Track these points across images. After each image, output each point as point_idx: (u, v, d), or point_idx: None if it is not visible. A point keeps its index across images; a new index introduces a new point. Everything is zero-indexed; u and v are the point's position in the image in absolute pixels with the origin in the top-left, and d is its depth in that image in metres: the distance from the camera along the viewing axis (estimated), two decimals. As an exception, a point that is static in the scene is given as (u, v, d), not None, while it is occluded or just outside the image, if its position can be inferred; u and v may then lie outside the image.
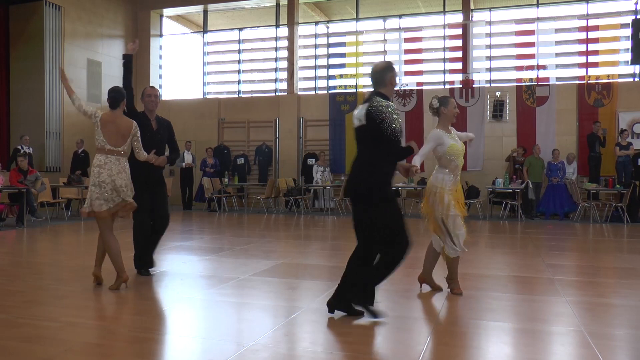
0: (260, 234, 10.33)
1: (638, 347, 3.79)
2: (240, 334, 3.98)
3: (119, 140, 5.30)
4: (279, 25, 17.51)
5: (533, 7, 15.85)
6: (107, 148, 5.24)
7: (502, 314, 4.61)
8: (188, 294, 5.22)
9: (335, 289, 4.41)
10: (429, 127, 15.24)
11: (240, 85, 18.07)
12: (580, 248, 9.02)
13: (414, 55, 16.19)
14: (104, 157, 5.22)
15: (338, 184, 15.04)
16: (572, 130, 14.63)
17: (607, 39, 14.97)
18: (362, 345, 3.76)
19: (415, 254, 7.99)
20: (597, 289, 5.67)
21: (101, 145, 5.25)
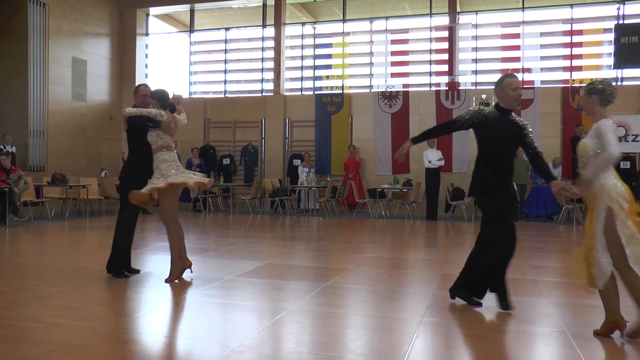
0: (245, 234, 10.31)
1: (620, 347, 3.82)
2: (225, 335, 3.96)
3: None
4: (265, 26, 17.48)
5: (519, 11, 15.96)
6: (171, 146, 5.80)
7: (486, 314, 4.63)
8: (172, 294, 5.19)
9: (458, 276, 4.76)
10: (415, 129, 15.32)
11: (227, 85, 18.02)
12: (563, 250, 9.09)
13: (401, 57, 16.24)
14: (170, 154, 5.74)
15: (323, 185, 15.06)
16: (557, 133, 14.76)
17: (590, 43, 15.13)
18: (348, 345, 3.77)
19: (400, 255, 8.03)
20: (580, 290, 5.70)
21: (167, 144, 5.76)
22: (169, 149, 5.73)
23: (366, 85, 16.73)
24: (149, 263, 7.00)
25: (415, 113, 15.53)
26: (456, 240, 9.95)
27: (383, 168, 15.61)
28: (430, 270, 6.61)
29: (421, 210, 14.25)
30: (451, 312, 4.64)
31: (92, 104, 16.86)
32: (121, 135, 17.97)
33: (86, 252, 8.07)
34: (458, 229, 11.78)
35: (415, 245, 9.47)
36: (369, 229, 11.66)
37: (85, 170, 15.63)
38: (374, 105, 15.79)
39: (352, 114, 16.07)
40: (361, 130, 15.95)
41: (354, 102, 16.11)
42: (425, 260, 7.64)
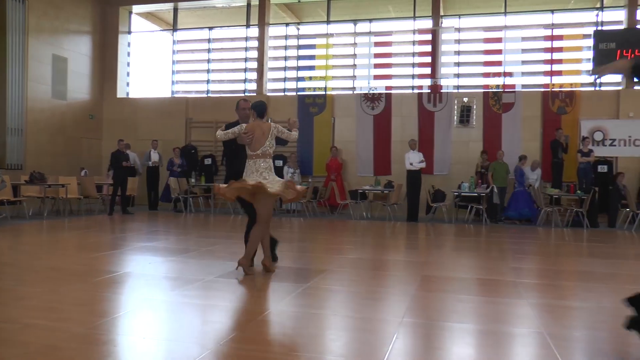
0: (226, 235, 10.28)
1: (595, 347, 3.89)
2: (205, 336, 3.94)
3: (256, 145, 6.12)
4: (249, 26, 17.45)
5: (501, 16, 16.13)
6: (253, 154, 6.11)
7: (466, 315, 4.67)
8: (152, 295, 5.16)
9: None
10: (398, 130, 15.43)
11: (209, 85, 17.96)
12: (542, 252, 9.20)
13: (384, 60, 16.33)
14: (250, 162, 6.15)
15: (305, 186, 15.02)
16: (537, 137, 14.93)
17: (570, 49, 15.35)
18: (328, 346, 3.77)
19: (381, 256, 8.06)
20: (558, 292, 5.80)
21: (250, 154, 6.15)
22: (250, 158, 6.09)
23: (349, 86, 16.78)
24: (129, 264, 6.96)
25: (397, 115, 15.60)
26: (437, 242, 10.01)
27: (365, 169, 15.67)
28: (411, 272, 6.65)
29: (402, 211, 14.31)
30: (431, 313, 4.67)
31: (72, 102, 16.70)
32: (102, 134, 17.83)
33: (64, 252, 7.99)
34: (439, 230, 11.86)
35: (396, 246, 9.51)
36: (350, 230, 11.69)
37: (64, 169, 15.47)
38: (357, 107, 15.84)
39: (335, 115, 16.10)
40: (343, 132, 15.98)
41: (336, 103, 16.14)
42: (406, 262, 7.68)
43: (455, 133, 15.30)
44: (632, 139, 14.38)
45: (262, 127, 6.15)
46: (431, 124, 15.33)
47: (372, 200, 14.77)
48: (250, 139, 6.06)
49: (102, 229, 10.89)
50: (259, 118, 6.23)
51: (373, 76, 16.35)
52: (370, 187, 14.42)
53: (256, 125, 6.16)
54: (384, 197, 14.59)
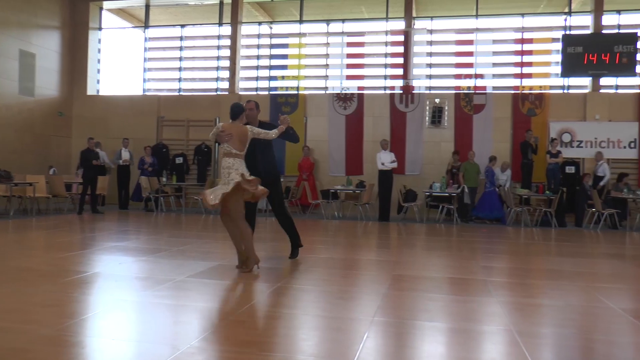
0: (197, 234, 10.20)
1: (563, 344, 3.96)
2: (176, 337, 3.91)
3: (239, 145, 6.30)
4: (222, 24, 17.36)
5: (472, 18, 16.32)
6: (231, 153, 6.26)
7: (436, 314, 4.72)
8: (122, 296, 5.10)
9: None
10: (370, 130, 15.50)
11: (181, 83, 17.80)
12: (512, 251, 9.33)
13: (356, 60, 16.38)
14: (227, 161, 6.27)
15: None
16: (507, 138, 15.14)
17: (540, 52, 15.60)
18: (299, 346, 3.78)
19: (352, 256, 8.09)
20: (527, 290, 5.89)
21: (227, 151, 6.26)
22: (228, 156, 6.24)
23: (321, 86, 16.80)
24: (99, 264, 6.86)
25: (369, 115, 15.68)
26: (408, 242, 10.08)
27: (337, 169, 15.71)
28: (382, 271, 6.69)
29: (374, 211, 14.38)
30: (402, 312, 4.71)
31: (41, 99, 16.40)
32: (71, 132, 17.55)
33: (32, 252, 7.84)
34: (410, 230, 11.95)
35: (368, 246, 9.56)
36: (322, 229, 11.70)
37: (32, 167, 15.20)
38: (329, 107, 15.87)
39: (307, 114, 16.11)
40: (315, 131, 16.00)
41: (308, 103, 16.15)
42: (377, 261, 7.72)
43: (427, 133, 15.43)
44: (598, 141, 14.69)
45: (240, 129, 6.34)
46: (403, 125, 15.44)
47: (343, 200, 14.81)
48: (229, 137, 6.23)
49: (71, 228, 10.72)
50: (232, 120, 6.44)
51: (345, 76, 16.40)
52: (342, 187, 14.46)
53: (233, 126, 6.33)
54: (355, 197, 14.64)
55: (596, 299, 5.38)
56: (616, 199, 13.45)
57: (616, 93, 15.24)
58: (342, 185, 14.64)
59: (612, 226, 13.33)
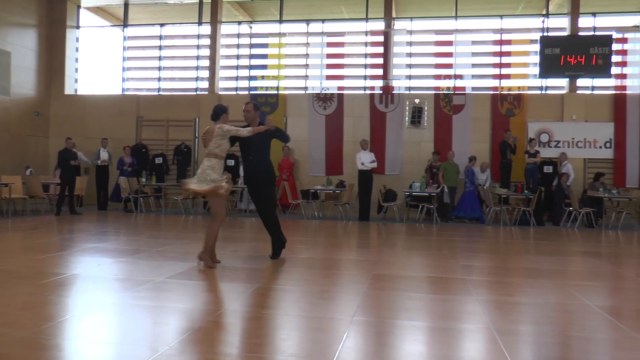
0: (177, 235, 10.14)
1: (540, 341, 4.01)
2: (155, 339, 3.89)
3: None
4: (201, 23, 17.27)
5: (452, 19, 16.43)
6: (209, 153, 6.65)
7: (416, 313, 4.75)
8: (101, 297, 5.05)
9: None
10: (350, 130, 15.53)
11: (160, 83, 17.68)
12: (491, 250, 9.42)
13: (336, 60, 16.39)
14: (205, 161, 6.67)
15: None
16: (486, 138, 15.27)
17: (518, 53, 15.77)
18: (279, 346, 3.77)
19: (332, 255, 8.10)
20: (506, 288, 5.95)
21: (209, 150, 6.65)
22: (209, 156, 6.62)
23: (301, 86, 16.80)
24: (77, 265, 6.79)
25: (349, 115, 15.71)
26: (388, 241, 10.12)
27: (317, 169, 15.71)
28: (362, 271, 6.71)
29: (354, 211, 14.42)
30: (382, 311, 4.73)
31: (17, 98, 16.17)
32: (48, 132, 17.34)
33: (8, 254, 7.73)
34: (390, 230, 12.00)
35: (348, 246, 9.58)
36: (302, 229, 11.70)
37: (8, 168, 14.98)
38: (309, 107, 15.87)
39: (287, 114, 16.09)
40: (295, 131, 15.95)
41: (288, 103, 16.14)
42: (357, 261, 7.74)
43: (407, 133, 15.50)
44: (575, 141, 14.88)
45: (212, 129, 6.69)
46: (383, 125, 15.50)
47: (323, 200, 14.82)
48: (204, 140, 6.68)
49: (48, 229, 10.59)
50: (212, 121, 6.79)
51: (325, 76, 16.40)
52: (322, 187, 14.47)
53: (211, 128, 6.73)
54: (335, 197, 14.66)
55: (573, 297, 5.45)
56: (592, 198, 13.64)
57: (592, 94, 15.46)
58: (322, 185, 14.65)
59: (589, 225, 13.52)
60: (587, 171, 14.85)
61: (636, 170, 14.61)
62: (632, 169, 14.65)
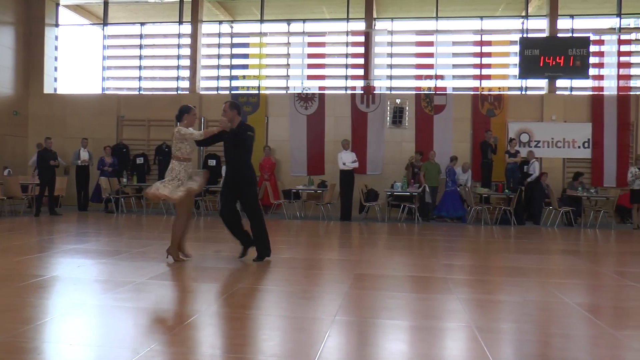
0: (159, 236, 10.06)
1: (520, 338, 4.06)
2: (136, 340, 3.86)
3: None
4: (182, 22, 17.16)
5: (432, 20, 16.52)
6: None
7: (398, 312, 4.77)
8: (81, 299, 4.99)
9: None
10: (331, 130, 15.55)
11: (141, 82, 17.54)
12: (472, 249, 9.49)
13: (317, 60, 16.39)
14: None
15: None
16: (467, 138, 15.38)
17: (498, 54, 15.91)
18: (260, 347, 3.77)
19: (314, 255, 8.11)
20: (486, 287, 6.00)
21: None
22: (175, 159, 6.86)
23: (282, 86, 16.78)
24: (57, 267, 6.72)
25: (330, 115, 15.73)
26: (370, 241, 10.15)
27: (298, 169, 15.70)
28: (344, 270, 6.73)
29: (335, 211, 14.44)
30: (363, 311, 4.74)
31: (-3, 98, 15.94)
32: (27, 131, 17.12)
33: (-14, 254, 7.62)
34: (372, 229, 12.03)
35: (330, 245, 9.59)
36: (284, 229, 11.69)
37: (-15, 168, 14.76)
38: (290, 107, 15.86)
39: (268, 114, 16.07)
40: (277, 131, 15.98)
41: (270, 102, 16.11)
42: (339, 260, 7.76)
43: (388, 133, 15.56)
44: (554, 141, 15.05)
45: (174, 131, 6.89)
46: (364, 125, 15.54)
47: (305, 200, 14.82)
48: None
49: (27, 231, 10.46)
50: (177, 121, 7.07)
51: (307, 76, 16.39)
52: (303, 187, 14.47)
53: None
54: (317, 197, 14.67)
55: (552, 294, 5.52)
56: (571, 198, 13.81)
57: (571, 95, 15.66)
58: (304, 185, 14.65)
59: (568, 223, 13.68)
60: (566, 171, 15.03)
61: (613, 170, 14.82)
62: (609, 168, 14.86)
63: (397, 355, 3.68)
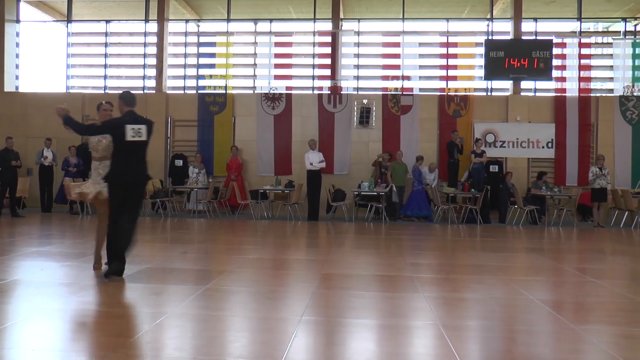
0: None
1: (486, 335, 4.12)
2: (100, 345, 3.78)
3: None
4: (148, 20, 16.94)
5: (399, 21, 16.64)
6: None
7: (364, 311, 4.79)
8: (44, 304, 4.88)
9: None
10: (298, 130, 15.55)
11: (107, 81, 17.25)
12: (438, 247, 9.60)
13: (284, 60, 16.33)
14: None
15: (205, 186, 14.75)
16: (434, 138, 15.53)
17: (464, 56, 16.10)
18: (227, 348, 3.75)
19: (281, 256, 8.10)
20: (452, 285, 6.07)
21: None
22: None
23: (249, 86, 16.71)
24: (19, 270, 6.56)
25: (297, 115, 15.72)
26: (337, 241, 10.18)
27: (265, 169, 15.65)
28: (311, 270, 6.73)
29: (303, 211, 14.43)
30: (330, 310, 4.75)
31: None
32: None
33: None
34: (339, 229, 12.06)
35: (297, 245, 9.59)
36: (251, 230, 11.65)
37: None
38: (257, 107, 15.80)
39: (235, 114, 15.98)
40: (244, 131, 15.90)
41: (237, 102, 16.03)
42: (306, 260, 7.76)
43: (355, 133, 15.62)
44: (519, 141, 15.31)
45: None
46: (331, 125, 15.57)
47: (272, 200, 14.78)
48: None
49: (-14, 232, 10.20)
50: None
51: (274, 76, 16.33)
52: (271, 187, 14.43)
53: None
54: (284, 197, 14.65)
55: (517, 291, 5.61)
56: (535, 196, 14.07)
57: (535, 96, 15.95)
58: (271, 185, 14.60)
59: (533, 222, 13.94)
60: (530, 170, 15.30)
61: (575, 170, 15.15)
62: (571, 168, 15.18)
63: (364, 354, 3.69)
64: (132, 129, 6.03)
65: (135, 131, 6.07)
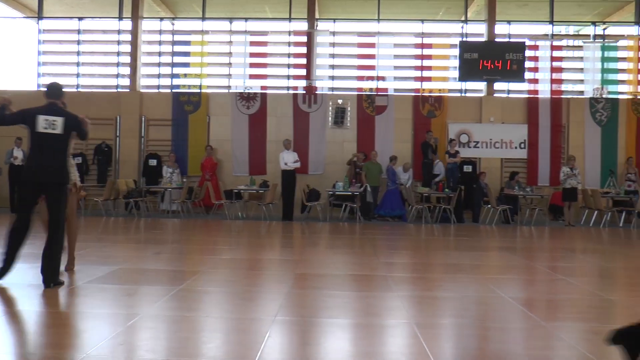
0: (97, 238, 9.80)
1: (459, 333, 4.16)
2: (73, 347, 3.74)
3: None
4: (122, 18, 16.73)
5: (374, 22, 16.70)
6: None
7: (338, 310, 4.80)
8: (13, 305, 4.80)
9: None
10: (273, 130, 15.52)
11: (79, 79, 16.99)
12: (413, 247, 9.66)
13: (259, 59, 16.27)
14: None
15: (179, 186, 14.63)
16: (408, 138, 15.62)
17: (439, 57, 16.24)
18: (200, 349, 3.72)
19: (255, 256, 8.07)
20: (426, 284, 6.12)
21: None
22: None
23: (224, 85, 16.61)
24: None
25: (272, 115, 15.68)
26: (311, 241, 10.19)
27: (240, 169, 15.58)
28: (285, 270, 6.72)
29: (277, 211, 14.40)
30: (304, 310, 4.75)
31: None
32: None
33: None
34: (313, 229, 12.07)
35: (271, 245, 9.57)
36: (225, 230, 11.59)
37: None
38: (232, 106, 15.72)
39: (210, 114, 15.88)
40: (218, 131, 15.81)
41: (211, 102, 15.93)
42: (281, 260, 7.75)
43: (330, 133, 15.64)
44: (492, 141, 15.49)
45: None
46: (306, 125, 15.57)
47: (247, 200, 14.72)
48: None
49: (-46, 233, 9.97)
50: None
51: (249, 75, 16.27)
52: (245, 187, 14.37)
53: None
54: (259, 197, 14.59)
55: (489, 290, 5.67)
56: (508, 196, 14.26)
57: (508, 97, 16.14)
58: (246, 185, 14.54)
59: (505, 221, 14.11)
60: (503, 170, 15.48)
61: (547, 170, 15.38)
62: (543, 168, 15.41)
63: (338, 353, 3.70)
64: (46, 119, 5.72)
65: (48, 122, 5.74)
